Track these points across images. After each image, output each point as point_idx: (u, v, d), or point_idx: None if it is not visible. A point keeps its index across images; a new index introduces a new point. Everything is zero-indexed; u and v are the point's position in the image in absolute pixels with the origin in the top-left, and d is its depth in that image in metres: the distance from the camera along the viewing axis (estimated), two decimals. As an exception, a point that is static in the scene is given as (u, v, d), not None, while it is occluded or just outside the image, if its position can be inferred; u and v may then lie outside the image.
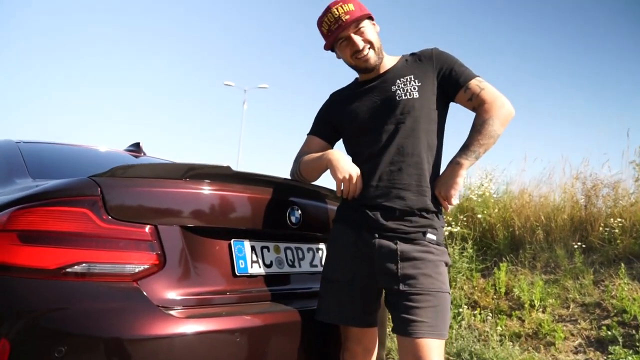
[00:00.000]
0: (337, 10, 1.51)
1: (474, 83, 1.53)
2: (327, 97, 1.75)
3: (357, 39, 1.53)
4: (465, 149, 1.49)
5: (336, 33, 1.53)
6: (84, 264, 1.17)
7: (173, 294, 1.27)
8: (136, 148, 2.57)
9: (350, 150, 1.64)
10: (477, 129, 1.49)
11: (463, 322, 3.87)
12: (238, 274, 1.46)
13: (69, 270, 1.16)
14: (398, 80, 1.55)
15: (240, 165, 21.27)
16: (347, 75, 1.71)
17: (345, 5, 1.51)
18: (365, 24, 1.54)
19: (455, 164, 1.49)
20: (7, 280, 1.13)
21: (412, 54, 1.62)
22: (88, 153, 2.24)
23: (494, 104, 1.50)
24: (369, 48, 1.54)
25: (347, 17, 1.50)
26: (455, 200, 1.49)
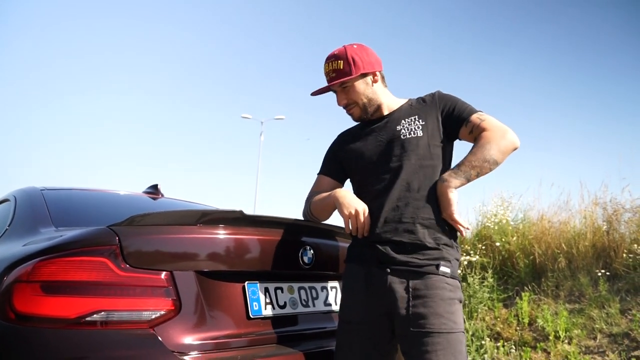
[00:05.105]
0: (328, 67, 1.62)
1: (475, 117, 1.57)
2: (342, 128, 1.81)
3: (340, 97, 1.65)
4: (455, 167, 1.51)
5: (327, 86, 1.64)
6: (102, 313, 1.21)
7: (188, 339, 1.30)
8: (154, 190, 2.64)
9: (357, 189, 1.67)
10: (472, 151, 1.52)
11: (486, 356, 3.77)
12: (252, 317, 1.48)
13: (88, 319, 1.20)
14: (403, 121, 1.60)
15: (259, 195, 21.43)
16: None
17: (335, 62, 1.60)
18: (355, 83, 1.61)
19: (441, 181, 1.50)
20: (29, 331, 1.18)
21: (418, 98, 1.68)
22: (108, 198, 2.32)
23: (494, 132, 1.52)
24: (353, 106, 1.64)
25: (334, 75, 1.60)
26: (457, 216, 1.47)
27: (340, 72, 1.59)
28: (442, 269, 1.45)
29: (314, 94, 1.68)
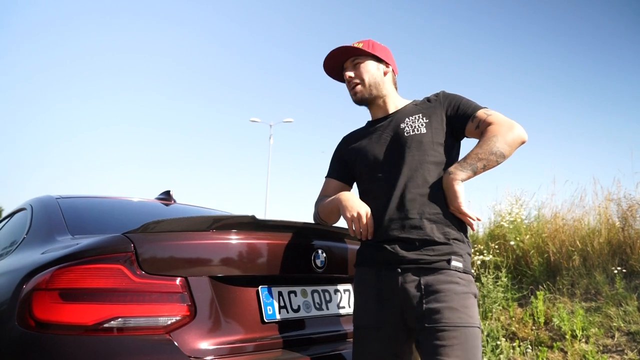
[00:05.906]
0: (347, 45, 1.67)
1: (481, 112, 1.55)
2: (350, 129, 1.83)
3: (348, 71, 1.68)
4: (461, 160, 1.50)
5: (336, 57, 1.68)
6: (119, 319, 1.23)
7: (204, 344, 1.31)
8: (167, 196, 2.67)
9: (362, 188, 1.66)
10: (479, 144, 1.50)
11: (502, 356, 3.74)
12: (266, 320, 1.49)
13: (105, 325, 1.22)
14: (407, 119, 1.60)
15: (270, 198, 21.48)
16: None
17: (357, 43, 1.67)
18: (367, 62, 1.65)
19: (447, 174, 1.48)
20: (48, 338, 1.20)
21: (423, 98, 1.69)
22: (122, 205, 2.35)
23: (500, 126, 1.49)
24: (358, 82, 1.66)
25: (351, 44, 1.66)
26: (465, 209, 1.44)
27: (358, 49, 1.65)
28: (454, 263, 1.43)
29: (326, 60, 1.71)
